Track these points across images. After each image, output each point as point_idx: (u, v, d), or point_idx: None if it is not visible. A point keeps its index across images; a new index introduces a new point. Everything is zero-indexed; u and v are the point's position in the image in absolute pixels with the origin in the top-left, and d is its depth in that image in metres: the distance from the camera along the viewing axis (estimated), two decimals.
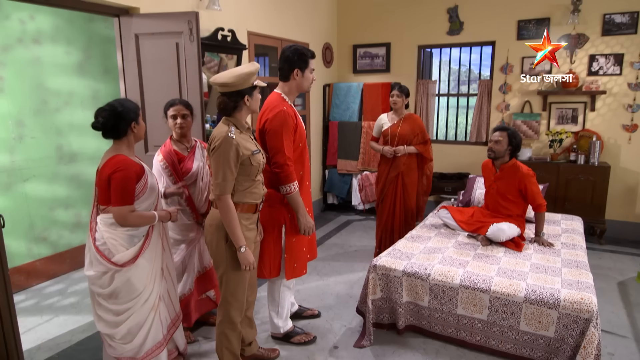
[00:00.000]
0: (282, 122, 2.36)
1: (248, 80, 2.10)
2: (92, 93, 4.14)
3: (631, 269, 4.04)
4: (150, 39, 3.08)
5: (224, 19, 3.80)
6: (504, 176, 3.32)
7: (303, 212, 2.49)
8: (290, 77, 2.50)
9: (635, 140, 4.70)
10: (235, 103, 2.12)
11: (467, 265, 2.80)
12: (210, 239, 2.22)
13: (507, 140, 3.25)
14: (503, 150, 3.27)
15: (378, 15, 5.69)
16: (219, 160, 2.06)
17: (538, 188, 3.26)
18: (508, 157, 3.31)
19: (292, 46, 2.49)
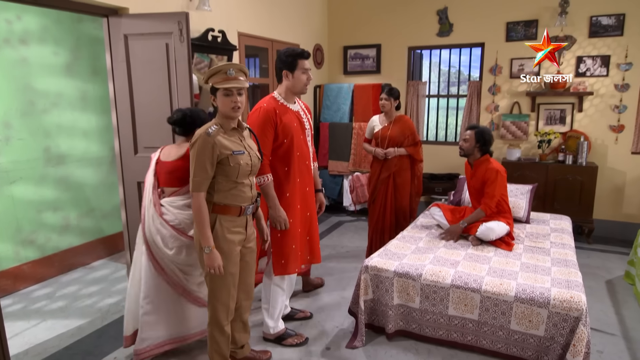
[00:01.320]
0: (257, 120, 2.46)
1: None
2: (81, 94, 4.09)
3: (619, 267, 4.09)
4: (140, 40, 3.06)
5: (214, 19, 3.79)
6: (476, 173, 3.39)
7: (273, 204, 2.52)
8: (282, 79, 2.57)
9: (622, 141, 4.77)
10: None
11: (458, 265, 2.81)
12: (195, 242, 2.20)
13: (475, 137, 3.32)
14: (471, 147, 3.35)
15: (368, 16, 5.71)
16: (195, 157, 2.04)
17: (496, 189, 3.24)
18: (479, 154, 3.37)
19: (287, 48, 2.57)
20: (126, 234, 3.34)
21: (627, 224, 4.87)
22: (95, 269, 4.09)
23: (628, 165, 4.78)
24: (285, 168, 2.57)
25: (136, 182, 3.22)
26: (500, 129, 5.21)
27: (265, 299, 2.80)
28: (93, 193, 4.26)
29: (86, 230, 4.20)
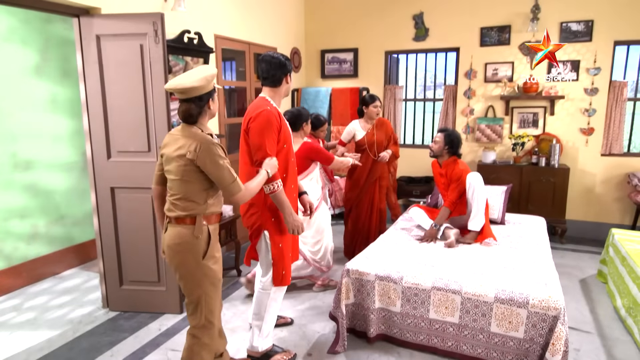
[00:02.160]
0: (265, 121, 2.32)
1: (211, 82, 2.08)
2: (50, 97, 3.95)
3: (591, 266, 4.19)
4: (113, 41, 2.96)
5: (190, 21, 3.72)
6: (445, 173, 3.54)
7: (289, 211, 2.39)
8: (282, 82, 2.48)
9: (591, 143, 4.91)
10: (201, 108, 2.06)
11: (438, 267, 2.82)
12: (182, 260, 2.07)
13: (444, 140, 3.48)
14: (440, 149, 3.51)
15: (345, 21, 5.72)
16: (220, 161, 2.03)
17: (460, 191, 3.39)
18: (447, 155, 3.51)
19: (275, 53, 2.48)
20: (99, 241, 3.23)
21: (597, 223, 5.01)
22: (65, 279, 3.93)
23: (598, 167, 4.93)
24: (284, 174, 2.48)
25: (109, 188, 3.12)
26: (476, 132, 5.29)
27: (258, 316, 2.60)
28: (63, 200, 4.10)
29: (56, 239, 4.04)
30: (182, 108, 2.04)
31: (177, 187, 2.05)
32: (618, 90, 4.74)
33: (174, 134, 2.10)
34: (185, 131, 2.06)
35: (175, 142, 2.05)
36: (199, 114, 2.06)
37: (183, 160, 2.00)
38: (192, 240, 2.05)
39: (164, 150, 2.10)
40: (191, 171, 2.02)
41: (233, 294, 3.62)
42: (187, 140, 2.02)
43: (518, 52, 5.02)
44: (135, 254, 3.20)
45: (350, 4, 5.66)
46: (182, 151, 2.00)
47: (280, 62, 2.44)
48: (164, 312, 3.25)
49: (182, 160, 2.00)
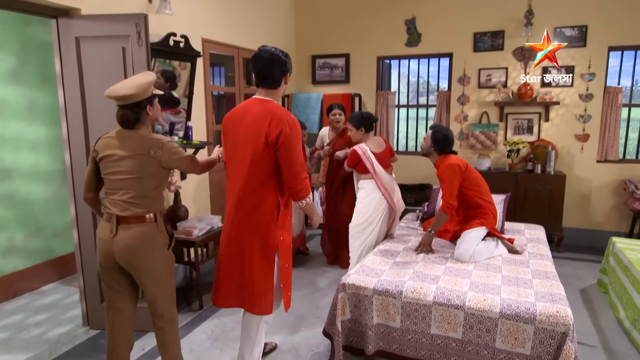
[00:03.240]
0: (297, 130, 2.15)
1: (148, 89, 2.12)
2: (28, 103, 3.75)
3: (590, 275, 4.10)
4: (93, 43, 2.80)
5: (176, 24, 3.56)
6: (438, 173, 3.33)
7: (313, 210, 2.34)
8: (281, 83, 2.24)
9: (587, 150, 4.85)
10: (137, 115, 2.12)
11: (439, 280, 2.69)
12: (150, 257, 2.15)
13: (430, 138, 3.30)
14: (428, 147, 3.33)
15: (337, 25, 5.62)
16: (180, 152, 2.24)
17: (451, 184, 3.14)
18: (436, 154, 3.32)
19: (273, 48, 2.20)
20: (78, 255, 3.03)
21: (594, 231, 4.94)
22: (44, 294, 3.72)
23: (594, 174, 4.86)
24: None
25: None
26: (470, 139, 5.20)
27: (248, 339, 2.34)
28: (42, 210, 3.89)
29: (34, 252, 3.83)
30: (119, 114, 2.12)
31: (131, 185, 2.10)
32: (613, 96, 4.69)
33: (114, 136, 2.15)
34: (130, 133, 2.13)
35: (122, 144, 2.11)
36: (137, 120, 2.13)
37: (141, 159, 2.09)
38: (156, 236, 2.16)
39: (105, 153, 2.13)
40: (149, 168, 2.12)
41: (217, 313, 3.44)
42: (140, 142, 2.11)
43: (512, 58, 4.95)
44: None
45: (342, 9, 5.56)
46: (140, 151, 2.10)
47: (281, 60, 2.18)
48: (148, 330, 3.05)
49: (139, 159, 2.09)
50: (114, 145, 2.12)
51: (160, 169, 2.16)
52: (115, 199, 2.11)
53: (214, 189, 4.24)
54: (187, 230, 3.34)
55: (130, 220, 2.10)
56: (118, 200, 2.10)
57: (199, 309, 3.40)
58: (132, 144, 2.10)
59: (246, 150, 2.14)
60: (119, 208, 2.09)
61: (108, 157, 2.12)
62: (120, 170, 2.11)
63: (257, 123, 2.11)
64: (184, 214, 3.57)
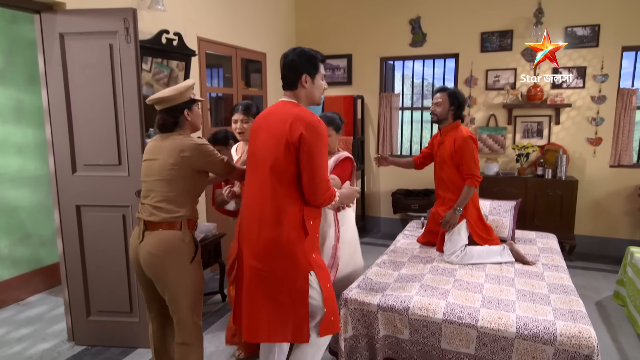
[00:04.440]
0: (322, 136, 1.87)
1: (185, 93, 2.09)
2: (15, 104, 3.58)
3: (605, 287, 3.89)
4: (79, 40, 2.62)
5: (169, 21, 3.39)
6: (444, 140, 3.08)
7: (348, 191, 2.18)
8: (297, 85, 1.96)
9: (599, 154, 4.65)
10: (175, 118, 2.09)
11: (448, 295, 2.49)
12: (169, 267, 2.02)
13: (448, 100, 3.01)
14: (445, 111, 3.04)
15: (339, 25, 5.44)
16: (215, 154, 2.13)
17: (473, 156, 2.94)
18: (452, 118, 3.07)
19: (295, 48, 1.98)
20: (63, 266, 2.85)
21: (607, 239, 4.73)
22: (30, 306, 3.53)
23: (606, 179, 4.66)
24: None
25: (74, 206, 2.75)
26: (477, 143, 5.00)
27: None
28: (29, 217, 3.71)
29: (20, 261, 3.64)
30: (157, 117, 2.11)
31: (159, 188, 2.03)
32: (627, 98, 4.50)
33: (155, 139, 2.14)
34: (167, 136, 2.09)
35: (158, 147, 2.07)
36: (174, 124, 2.10)
37: (172, 160, 2.01)
38: (179, 245, 2.04)
39: (145, 157, 2.13)
40: (180, 170, 2.03)
41: (216, 323, 3.24)
42: (173, 143, 2.04)
43: (521, 58, 4.76)
44: (105, 280, 2.82)
45: (344, 8, 5.38)
46: (172, 152, 2.02)
47: (293, 60, 1.93)
48: (137, 347, 2.86)
49: (170, 160, 2.01)
50: (151, 149, 2.11)
51: (193, 173, 2.07)
52: (145, 203, 2.07)
53: (210, 195, 4.04)
54: None
55: (156, 225, 2.02)
56: (147, 204, 2.05)
57: None
58: (167, 146, 2.05)
59: (265, 157, 1.90)
60: (147, 212, 2.04)
61: (146, 161, 2.11)
62: (152, 172, 2.07)
63: (277, 126, 1.89)
64: None
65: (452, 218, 2.99)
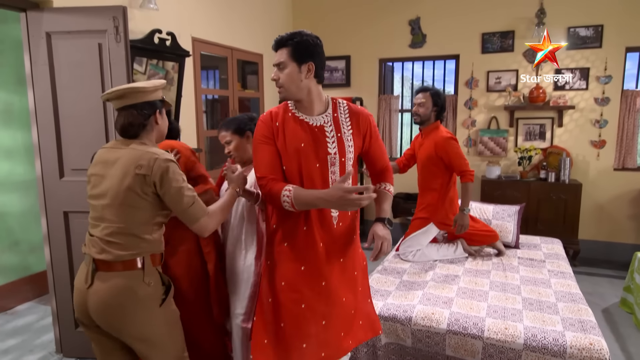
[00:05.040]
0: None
1: (158, 91, 1.76)
2: (4, 107, 3.48)
3: (611, 293, 3.79)
4: (66, 39, 2.52)
5: (162, 20, 3.29)
6: (425, 142, 3.05)
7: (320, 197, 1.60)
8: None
9: (603, 157, 4.55)
10: (145, 119, 1.68)
11: (452, 303, 2.38)
12: (129, 316, 1.60)
13: (431, 100, 2.97)
14: (428, 112, 2.99)
15: (337, 26, 5.35)
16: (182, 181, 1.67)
17: (459, 154, 2.93)
18: (434, 119, 3.03)
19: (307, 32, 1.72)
20: (50, 274, 2.73)
21: (611, 243, 4.63)
22: (18, 315, 3.40)
23: (610, 183, 4.56)
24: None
25: (62, 212, 2.64)
26: (478, 145, 4.91)
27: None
28: (18, 223, 3.60)
29: (8, 268, 3.52)
30: (121, 117, 1.67)
31: (112, 215, 1.59)
32: (630, 99, 4.41)
33: (110, 147, 1.70)
34: (129, 144, 1.66)
35: (115, 157, 1.64)
36: (142, 126, 1.68)
37: (128, 178, 1.58)
38: (142, 290, 1.61)
39: (92, 171, 1.68)
40: (137, 193, 1.59)
41: None
42: (133, 153, 1.62)
43: (522, 59, 4.67)
44: None
45: (342, 9, 5.29)
46: (129, 166, 1.59)
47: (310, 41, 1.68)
48: None
49: (127, 178, 1.58)
50: (101, 159, 1.66)
51: (156, 197, 1.63)
52: (95, 235, 1.62)
53: None
54: None
55: (109, 266, 1.58)
56: (97, 237, 1.60)
57: None
58: (122, 158, 1.61)
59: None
60: (97, 248, 1.59)
61: (93, 176, 1.66)
62: (101, 193, 1.62)
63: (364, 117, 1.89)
64: None
65: (462, 219, 2.94)
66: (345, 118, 1.78)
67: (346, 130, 1.76)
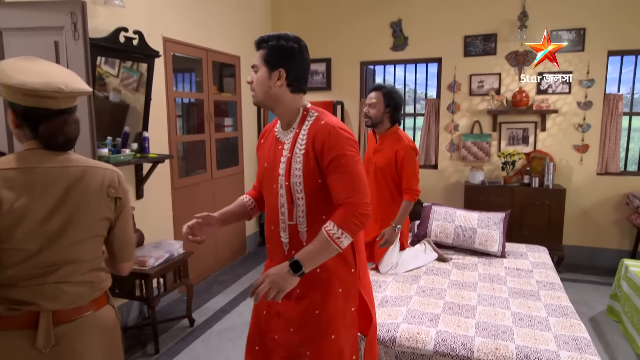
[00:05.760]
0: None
1: None
2: None
3: (597, 300, 3.72)
4: (19, 36, 2.30)
5: (130, 18, 3.09)
6: (383, 147, 2.83)
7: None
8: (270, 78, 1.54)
9: (586, 161, 4.50)
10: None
11: (438, 321, 2.24)
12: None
13: (384, 101, 2.75)
14: (380, 113, 2.78)
15: (317, 28, 5.20)
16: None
17: (414, 169, 2.75)
18: (388, 122, 2.82)
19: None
20: None
21: (595, 249, 4.58)
22: None
23: (594, 188, 4.51)
24: None
25: None
26: (461, 150, 4.81)
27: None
28: None
29: None
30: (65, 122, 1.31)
31: (85, 254, 1.35)
32: (613, 103, 4.37)
33: (32, 161, 1.29)
34: (60, 157, 1.33)
35: (49, 177, 1.29)
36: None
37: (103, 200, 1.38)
38: (117, 324, 1.47)
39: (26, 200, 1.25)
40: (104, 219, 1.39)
41: (182, 352, 2.91)
42: (88, 171, 1.36)
43: (505, 63, 4.60)
44: None
45: (322, 11, 5.15)
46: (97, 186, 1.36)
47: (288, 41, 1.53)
48: None
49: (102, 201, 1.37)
50: (30, 184, 1.29)
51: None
52: (50, 282, 1.29)
53: (178, 209, 3.74)
54: (141, 260, 2.83)
55: (78, 311, 1.34)
56: (53, 282, 1.29)
57: (155, 353, 2.87)
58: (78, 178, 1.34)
59: None
60: (58, 299, 1.31)
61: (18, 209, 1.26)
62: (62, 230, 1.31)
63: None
64: (139, 240, 3.06)
65: (391, 236, 2.76)
66: (304, 135, 1.53)
67: (298, 149, 1.52)
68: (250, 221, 5.09)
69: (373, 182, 2.85)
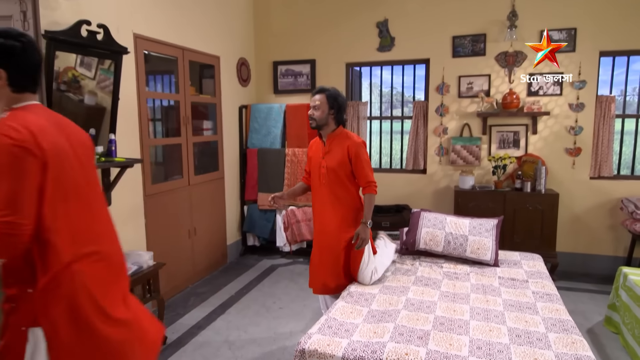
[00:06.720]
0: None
1: None
2: None
3: (594, 310, 3.55)
4: None
5: (96, 12, 2.86)
6: (332, 148, 2.74)
7: None
8: None
9: (579, 165, 4.36)
10: None
11: (428, 339, 2.03)
12: None
13: (327, 103, 2.70)
14: (325, 115, 2.72)
15: (301, 28, 5.02)
16: None
17: (369, 162, 2.77)
18: (334, 123, 2.77)
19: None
20: None
21: (588, 255, 4.43)
22: None
23: (587, 192, 4.37)
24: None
25: None
26: (451, 154, 4.64)
27: None
28: None
29: None
30: None
31: None
32: (605, 105, 4.24)
33: None
34: None
35: None
36: None
37: None
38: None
39: None
40: None
41: None
42: None
43: (495, 64, 4.46)
44: None
45: (306, 10, 4.98)
46: None
47: None
48: None
49: None
50: None
51: None
52: None
53: (151, 217, 3.50)
54: None
55: None
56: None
57: None
58: None
59: None
60: None
61: None
62: None
63: None
64: None
65: (365, 234, 2.67)
66: None
67: None
68: (231, 229, 4.86)
69: (326, 186, 2.74)
